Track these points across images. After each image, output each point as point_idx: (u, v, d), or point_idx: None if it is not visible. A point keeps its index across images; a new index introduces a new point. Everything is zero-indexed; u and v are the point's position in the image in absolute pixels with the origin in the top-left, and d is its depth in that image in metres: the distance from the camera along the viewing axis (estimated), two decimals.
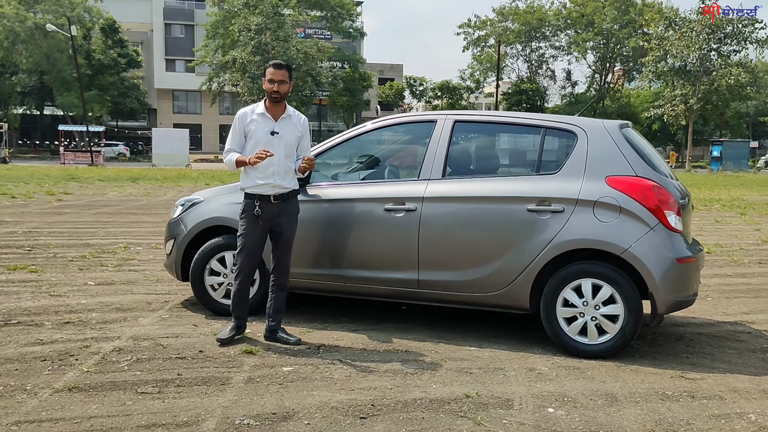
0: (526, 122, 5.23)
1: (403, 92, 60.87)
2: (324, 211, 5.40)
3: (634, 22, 56.89)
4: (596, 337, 4.69)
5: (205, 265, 5.65)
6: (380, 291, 5.29)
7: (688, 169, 45.66)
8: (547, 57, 63.74)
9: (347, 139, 5.57)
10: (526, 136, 5.35)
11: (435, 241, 5.04)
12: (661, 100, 47.43)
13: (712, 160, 47.67)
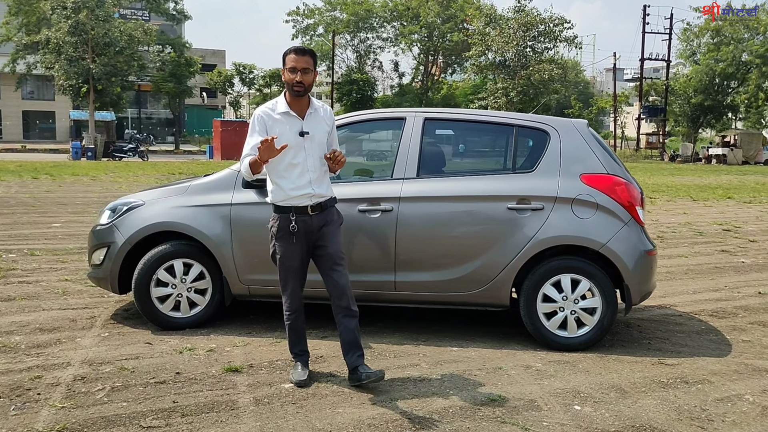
0: (497, 120, 5.27)
1: (232, 79, 59.01)
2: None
3: (456, 17, 59.71)
4: (576, 330, 4.86)
5: (151, 275, 5.10)
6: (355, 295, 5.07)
7: None
8: (375, 48, 65.01)
9: None
10: (498, 135, 5.39)
11: (413, 242, 4.93)
12: (484, 93, 50.24)
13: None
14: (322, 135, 4.05)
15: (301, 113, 4.01)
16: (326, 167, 4.05)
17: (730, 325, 5.64)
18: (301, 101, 4.00)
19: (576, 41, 47.81)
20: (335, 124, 4.22)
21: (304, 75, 3.89)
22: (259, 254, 5.06)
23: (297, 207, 3.99)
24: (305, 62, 3.90)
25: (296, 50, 3.93)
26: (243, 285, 5.15)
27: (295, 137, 3.95)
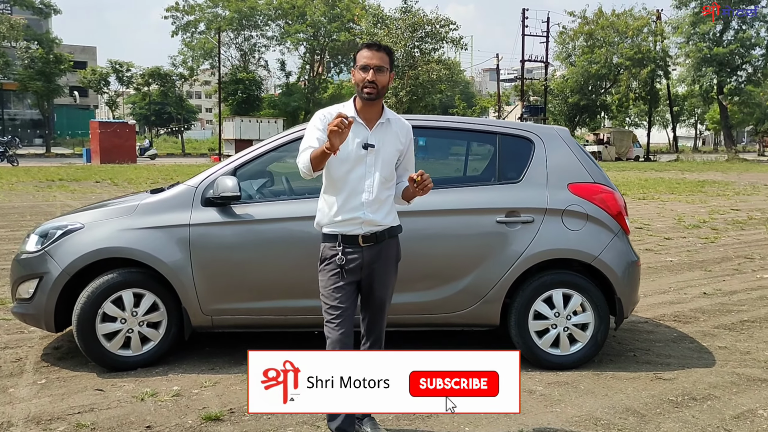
0: (479, 128, 4.97)
1: (108, 77, 55.74)
2: (255, 233, 4.55)
3: (342, 16, 59.51)
4: (569, 348, 4.65)
5: (96, 310, 4.43)
6: None
7: None
8: (260, 47, 63.63)
9: (275, 147, 4.73)
10: (481, 143, 5.09)
11: None
12: None
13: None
14: (391, 152, 3.31)
15: (369, 122, 3.29)
16: (391, 191, 3.37)
17: (697, 330, 5.65)
18: (372, 108, 3.28)
19: (461, 42, 48.84)
20: (410, 142, 3.43)
21: (378, 74, 3.18)
22: (224, 280, 4.54)
23: (345, 235, 3.27)
24: (380, 59, 3.19)
25: (369, 46, 3.24)
26: (206, 316, 4.56)
27: (357, 148, 3.24)
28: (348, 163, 3.24)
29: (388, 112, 3.34)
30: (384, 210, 3.32)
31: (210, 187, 4.55)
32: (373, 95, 3.19)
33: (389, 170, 3.32)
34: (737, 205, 16.48)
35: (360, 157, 3.24)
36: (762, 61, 47.07)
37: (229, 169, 4.63)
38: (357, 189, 3.25)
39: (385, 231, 3.34)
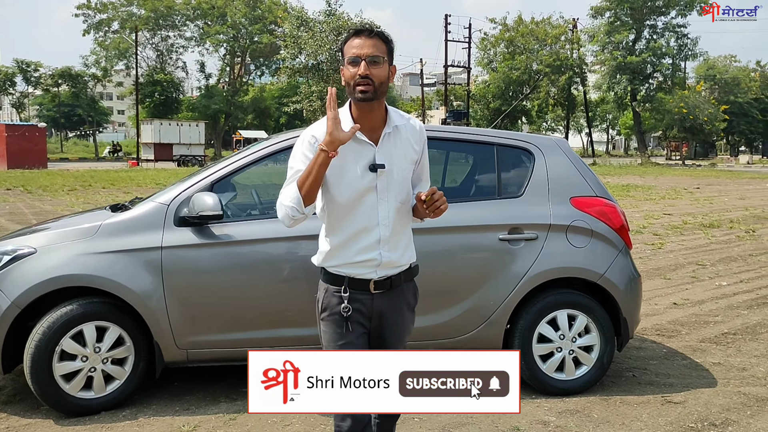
0: (476, 139, 4.62)
1: (14, 77, 52.68)
2: (237, 256, 4.07)
3: (264, 18, 58.45)
4: (574, 372, 4.39)
5: (54, 347, 3.85)
6: None
7: None
8: (177, 47, 61.66)
9: (256, 159, 4.26)
10: (478, 155, 4.75)
11: None
12: (298, 96, 49.57)
13: None
14: (406, 167, 2.61)
15: (373, 134, 2.55)
16: (410, 216, 2.68)
17: (684, 345, 5.53)
18: (372, 114, 2.53)
19: None
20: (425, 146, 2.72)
21: (373, 67, 2.44)
22: (201, 309, 4.06)
23: (354, 279, 2.59)
24: (372, 47, 2.46)
25: (358, 32, 2.52)
26: (180, 350, 4.05)
27: (362, 172, 2.52)
28: (353, 192, 2.53)
29: (395, 116, 2.60)
30: (402, 244, 2.65)
31: (184, 204, 4.04)
32: (369, 93, 2.44)
33: (405, 191, 2.61)
34: (667, 209, 16.91)
35: (368, 183, 2.53)
36: (671, 70, 49.25)
37: (206, 184, 4.13)
38: (369, 224, 2.55)
39: (402, 274, 2.66)
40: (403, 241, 2.67)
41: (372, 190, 2.55)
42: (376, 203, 2.56)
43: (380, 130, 2.56)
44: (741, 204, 18.40)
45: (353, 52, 2.48)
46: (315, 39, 46.81)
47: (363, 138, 2.54)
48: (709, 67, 64.43)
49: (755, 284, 7.92)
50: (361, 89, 2.46)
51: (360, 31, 2.53)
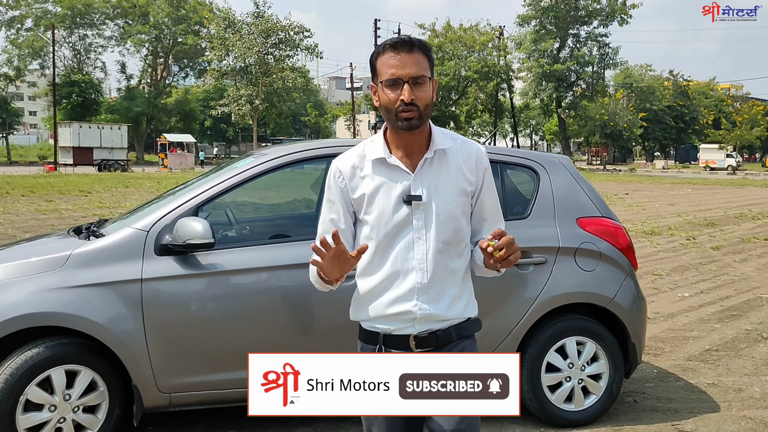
0: None
1: None
2: (228, 287, 3.67)
3: (189, 18, 56.87)
4: (583, 402, 4.18)
5: (17, 396, 3.34)
6: None
7: None
8: (96, 47, 59.21)
9: (246, 179, 3.84)
10: None
11: None
12: (226, 99, 48.44)
13: None
14: (452, 200, 2.16)
15: (410, 160, 2.15)
16: (461, 261, 2.21)
17: (673, 364, 5.43)
18: (412, 137, 2.13)
19: (317, 50, 48.28)
20: (486, 174, 2.24)
21: (417, 89, 2.06)
22: (187, 348, 3.63)
23: (389, 335, 2.18)
24: (415, 65, 2.06)
25: (396, 45, 2.09)
26: (162, 393, 3.60)
27: (395, 205, 2.13)
28: (385, 227, 2.14)
29: (440, 137, 2.17)
30: (449, 295, 2.17)
31: (167, 231, 3.59)
32: (414, 121, 2.06)
33: (452, 229, 2.16)
34: None
35: (401, 218, 2.13)
36: (594, 78, 50.83)
37: (190, 208, 3.69)
38: (403, 267, 2.14)
39: (452, 329, 2.18)
40: (451, 290, 2.17)
41: (407, 227, 2.14)
42: (412, 242, 2.14)
43: (420, 156, 2.15)
44: (672, 210, 18.96)
45: (392, 73, 2.06)
46: (243, 41, 45.86)
47: (397, 163, 2.14)
48: (626, 76, 66.95)
49: (716, 295, 8.00)
50: (406, 116, 2.05)
51: (398, 44, 2.09)
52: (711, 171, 54.77)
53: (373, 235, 2.16)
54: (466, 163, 2.19)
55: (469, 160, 2.20)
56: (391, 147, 2.17)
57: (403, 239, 2.14)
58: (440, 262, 2.15)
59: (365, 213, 2.17)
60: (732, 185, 34.01)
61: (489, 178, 2.25)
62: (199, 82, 62.84)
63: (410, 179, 2.13)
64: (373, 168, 2.17)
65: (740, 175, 48.22)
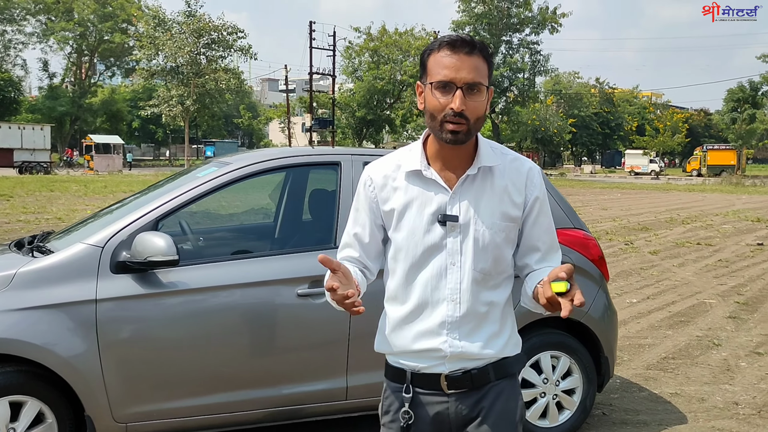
0: None
1: None
2: (192, 307, 3.40)
3: (116, 16, 55.04)
4: (557, 418, 4.09)
5: None
6: (289, 413, 3.61)
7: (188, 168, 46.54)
8: (16, 43, 56.55)
9: (211, 190, 3.58)
10: None
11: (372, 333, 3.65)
12: (156, 99, 47.04)
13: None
14: (494, 225, 1.90)
15: (450, 175, 1.91)
16: (501, 293, 1.96)
17: (634, 373, 5.43)
18: (455, 150, 1.88)
19: (251, 52, 47.48)
20: (538, 197, 1.96)
21: (471, 97, 1.80)
22: (147, 373, 3.35)
23: (417, 373, 1.94)
24: (472, 69, 1.80)
25: (455, 44, 1.81)
26: (118, 423, 3.30)
27: (427, 224, 1.89)
28: (414, 249, 1.90)
29: (486, 152, 1.92)
30: (486, 331, 1.92)
31: (124, 247, 3.30)
32: (461, 135, 1.81)
33: (492, 257, 1.90)
34: None
35: (434, 240, 1.89)
36: (526, 85, 51.87)
37: (150, 221, 3.41)
38: (433, 297, 1.89)
39: (490, 367, 1.93)
40: (488, 326, 1.92)
41: (439, 250, 1.89)
42: (444, 269, 1.88)
43: (462, 170, 1.90)
44: (606, 215, 19.44)
45: (444, 74, 1.80)
46: (174, 40, 44.64)
47: (435, 177, 1.89)
48: (556, 83, 68.71)
49: (662, 300, 8.14)
50: (452, 129, 1.80)
51: (457, 42, 1.81)
52: (636, 176, 56.79)
53: (401, 257, 1.92)
54: (514, 183, 1.93)
55: (519, 179, 1.93)
56: (429, 158, 1.92)
57: (435, 265, 1.89)
58: (476, 294, 1.89)
59: (394, 230, 1.94)
60: (657, 190, 35.28)
61: (542, 203, 1.96)
62: (126, 82, 60.90)
63: (447, 196, 1.88)
64: (407, 180, 1.92)
65: (663, 180, 50.18)
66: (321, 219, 3.97)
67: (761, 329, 6.80)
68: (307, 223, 4.25)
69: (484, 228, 1.89)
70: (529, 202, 1.94)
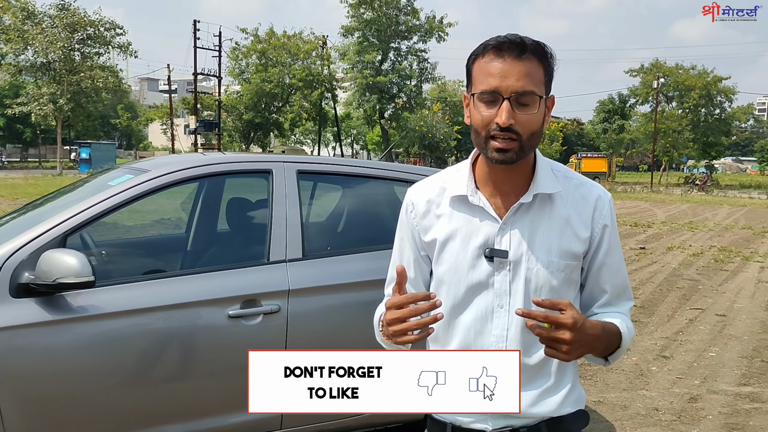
0: (390, 175, 3.94)
1: None
2: (108, 334, 2.99)
3: None
4: None
5: None
6: None
7: (60, 172, 43.66)
8: None
9: (127, 200, 3.16)
10: (390, 193, 4.06)
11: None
12: (24, 98, 43.87)
13: (82, 163, 46.75)
14: (551, 262, 1.63)
15: (501, 201, 1.66)
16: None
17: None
18: (507, 173, 1.64)
19: (130, 49, 45.29)
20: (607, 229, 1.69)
21: (522, 111, 1.54)
22: (52, 411, 2.92)
23: (458, 428, 1.69)
24: (524, 76, 1.53)
25: (501, 45, 1.55)
26: None
27: (472, 259, 1.64)
28: (457, 285, 1.66)
29: (545, 177, 1.65)
30: (538, 384, 1.66)
31: (26, 267, 2.85)
32: (510, 154, 1.55)
33: (553, 296, 1.63)
34: None
35: (480, 277, 1.64)
36: (415, 91, 52.63)
37: (56, 237, 2.96)
38: (476, 343, 1.65)
39: (543, 425, 1.67)
40: (542, 380, 1.66)
41: (486, 290, 1.64)
42: (491, 312, 1.64)
43: (516, 196, 1.64)
44: None
45: (489, 83, 1.53)
46: (45, 35, 41.81)
47: (483, 204, 1.64)
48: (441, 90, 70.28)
49: None
50: (498, 147, 1.54)
51: (504, 44, 1.54)
52: None
53: (443, 294, 1.67)
54: (579, 213, 1.65)
55: (585, 209, 1.66)
56: (478, 182, 1.67)
57: (480, 306, 1.65)
58: (529, 342, 1.61)
59: (436, 263, 1.70)
60: None
61: (612, 236, 1.69)
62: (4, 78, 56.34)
63: (496, 227, 1.63)
64: (452, 206, 1.68)
65: None
66: (251, 232, 3.65)
67: (662, 332, 7.06)
68: (234, 237, 3.90)
69: (538, 266, 1.62)
70: (596, 237, 1.67)
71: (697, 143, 54.41)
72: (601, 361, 1.65)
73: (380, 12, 48.94)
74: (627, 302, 1.72)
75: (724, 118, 55.42)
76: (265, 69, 50.60)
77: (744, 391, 5.29)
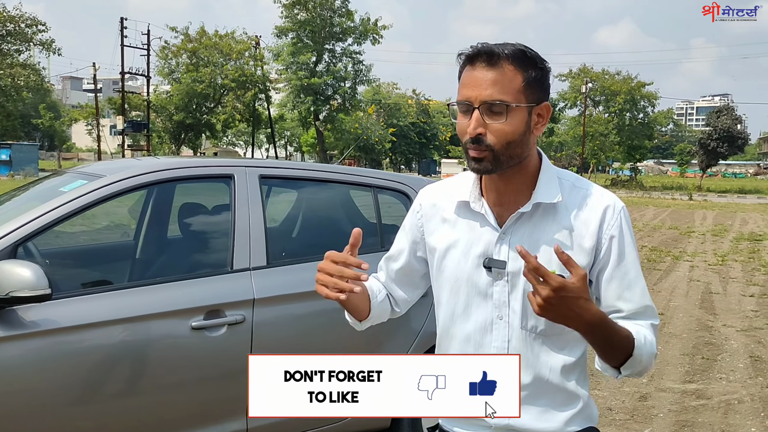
0: (353, 180, 3.85)
1: None
2: (65, 350, 2.82)
3: None
4: None
5: None
6: None
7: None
8: None
9: (82, 207, 2.97)
10: (355, 198, 3.97)
11: None
12: None
13: (1, 165, 44.69)
14: None
15: (503, 210, 1.60)
16: (564, 356, 1.60)
17: None
18: (505, 180, 1.58)
19: (53, 46, 43.55)
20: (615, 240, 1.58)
21: (492, 118, 1.49)
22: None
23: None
24: (492, 84, 1.48)
25: (472, 56, 1.52)
26: None
27: (471, 268, 1.60)
28: (455, 294, 1.63)
29: (547, 185, 1.58)
30: (544, 400, 1.61)
31: None
32: (485, 163, 1.51)
33: None
34: None
35: (479, 288, 1.60)
36: (350, 93, 52.54)
37: (6, 247, 2.76)
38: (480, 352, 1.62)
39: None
40: (546, 394, 1.60)
41: (485, 300, 1.59)
42: (490, 323, 1.60)
43: (518, 205, 1.58)
44: None
45: (462, 93, 1.52)
46: None
47: (483, 211, 1.60)
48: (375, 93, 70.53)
49: None
50: (473, 156, 1.51)
51: (474, 54, 1.51)
52: None
53: (443, 302, 1.65)
54: (586, 223, 1.57)
55: (591, 219, 1.57)
56: (484, 188, 1.62)
57: (479, 317, 1.60)
58: (531, 355, 1.57)
59: (437, 270, 1.68)
60: None
61: (621, 246, 1.57)
62: None
63: (494, 236, 1.58)
64: (457, 213, 1.66)
65: None
66: (212, 239, 3.51)
67: None
68: (195, 245, 3.74)
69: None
70: (602, 248, 1.56)
71: (622, 146, 56.29)
72: (614, 372, 1.57)
73: (314, 13, 48.66)
74: (650, 320, 1.60)
75: (647, 122, 57.54)
76: (196, 69, 49.54)
77: (689, 388, 5.45)
